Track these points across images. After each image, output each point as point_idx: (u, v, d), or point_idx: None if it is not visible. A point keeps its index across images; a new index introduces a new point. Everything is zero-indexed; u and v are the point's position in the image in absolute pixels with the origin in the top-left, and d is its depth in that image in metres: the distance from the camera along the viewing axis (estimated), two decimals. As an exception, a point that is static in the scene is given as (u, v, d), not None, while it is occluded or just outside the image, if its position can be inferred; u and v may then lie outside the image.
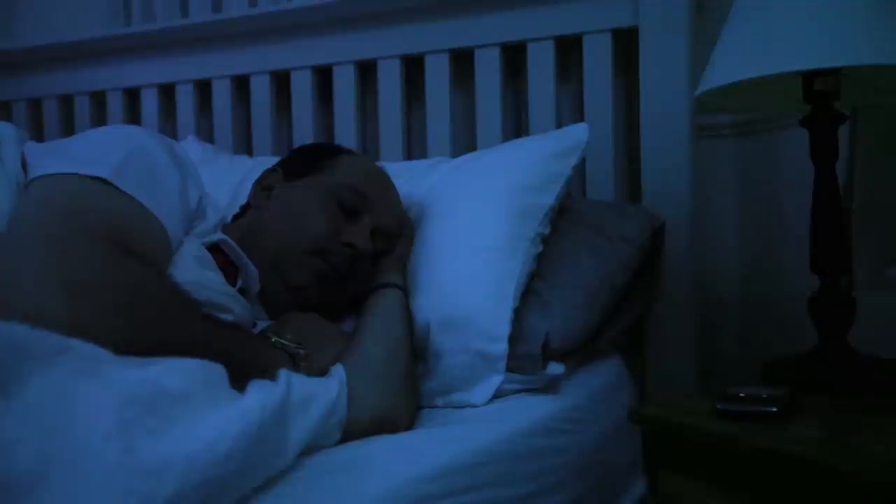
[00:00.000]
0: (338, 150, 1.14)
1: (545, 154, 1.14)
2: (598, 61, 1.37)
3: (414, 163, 1.39)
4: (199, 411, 0.60)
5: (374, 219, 1.04)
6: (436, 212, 1.11)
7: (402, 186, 1.15)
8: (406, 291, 1.01)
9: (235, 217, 1.11)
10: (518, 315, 1.00)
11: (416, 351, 0.98)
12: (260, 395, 0.65)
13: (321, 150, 1.15)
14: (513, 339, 0.98)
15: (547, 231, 1.10)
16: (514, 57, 1.47)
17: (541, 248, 1.08)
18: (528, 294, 1.04)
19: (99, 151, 0.84)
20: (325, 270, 1.00)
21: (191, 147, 1.59)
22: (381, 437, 0.81)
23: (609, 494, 1.05)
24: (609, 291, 1.12)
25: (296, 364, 0.82)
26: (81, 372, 0.57)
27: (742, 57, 0.92)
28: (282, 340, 0.85)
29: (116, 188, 0.79)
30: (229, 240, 0.98)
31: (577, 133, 1.18)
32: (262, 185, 1.10)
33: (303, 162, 1.11)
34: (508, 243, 1.04)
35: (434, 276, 1.03)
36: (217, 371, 0.67)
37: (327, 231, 1.01)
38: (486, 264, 1.02)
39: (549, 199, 1.10)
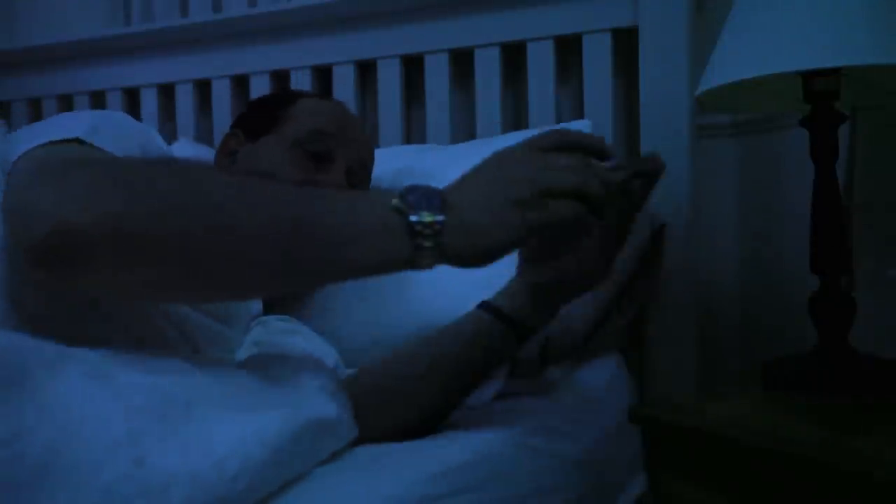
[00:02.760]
0: (292, 96, 1.10)
1: None
2: (597, 61, 1.37)
3: (407, 147, 1.39)
4: (212, 424, 0.58)
5: (347, 156, 1.02)
6: None
7: (398, 168, 1.15)
8: (525, 335, 0.85)
9: None
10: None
11: None
12: (284, 414, 0.63)
13: (275, 100, 1.11)
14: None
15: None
16: (514, 57, 1.47)
17: None
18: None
19: (66, 121, 0.81)
20: None
21: (184, 149, 1.58)
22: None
23: (608, 494, 1.05)
24: (608, 292, 1.12)
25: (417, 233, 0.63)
26: (90, 375, 0.56)
27: (742, 57, 0.92)
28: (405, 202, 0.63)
29: (92, 145, 0.74)
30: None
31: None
32: (226, 152, 1.06)
33: (259, 117, 1.07)
34: None
35: (438, 271, 1.03)
36: (236, 379, 0.66)
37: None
38: (499, 270, 1.02)
39: None
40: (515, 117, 1.50)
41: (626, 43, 1.36)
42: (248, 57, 1.65)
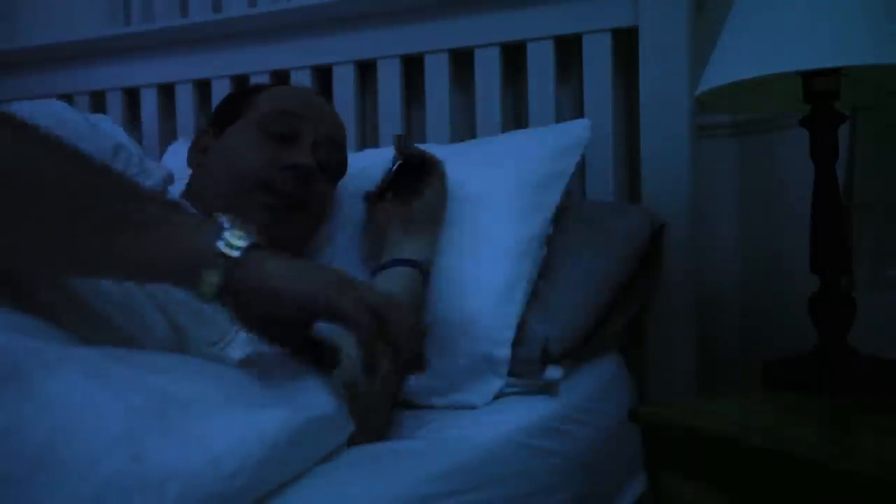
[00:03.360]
0: (256, 88, 1.13)
1: (548, 151, 1.14)
2: (597, 61, 1.37)
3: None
4: (211, 422, 0.58)
5: (312, 132, 1.03)
6: None
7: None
8: (427, 267, 0.96)
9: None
10: (519, 317, 1.00)
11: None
12: (284, 412, 0.62)
13: (240, 93, 1.13)
14: (513, 343, 0.98)
15: (551, 231, 1.10)
16: (514, 57, 1.47)
17: (545, 249, 1.08)
18: (530, 294, 1.04)
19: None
20: (275, 203, 0.98)
21: (180, 149, 1.59)
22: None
23: (608, 494, 1.05)
24: (609, 291, 1.12)
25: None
26: (89, 374, 0.56)
27: (742, 57, 0.92)
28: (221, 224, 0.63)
29: None
30: (180, 200, 0.94)
31: (579, 129, 1.17)
32: (198, 149, 1.09)
33: (226, 111, 1.10)
34: (519, 244, 1.04)
35: (438, 267, 1.02)
36: (234, 376, 0.66)
37: (264, 161, 0.99)
38: (498, 265, 1.02)
39: (554, 198, 1.10)
40: (515, 117, 1.50)
41: (626, 43, 1.36)
42: (248, 57, 1.65)
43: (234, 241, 0.62)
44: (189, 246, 0.62)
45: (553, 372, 0.98)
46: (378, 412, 0.78)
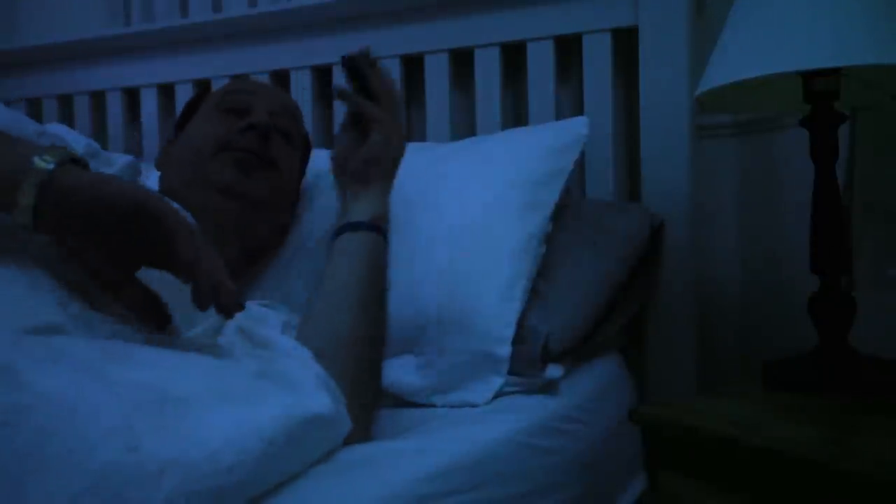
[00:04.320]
0: (204, 92, 1.23)
1: (546, 149, 1.14)
2: (597, 61, 1.37)
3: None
4: (209, 417, 0.58)
5: (265, 104, 1.09)
6: (437, 196, 1.11)
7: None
8: (385, 228, 0.98)
9: None
10: (519, 315, 1.00)
11: (415, 343, 0.98)
12: (283, 410, 0.62)
13: (193, 98, 1.23)
14: (514, 341, 0.98)
15: (550, 229, 1.10)
16: (514, 57, 1.47)
17: (545, 247, 1.08)
18: (530, 292, 1.04)
19: None
20: (241, 157, 1.03)
21: None
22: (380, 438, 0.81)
23: (608, 494, 1.05)
24: (608, 290, 1.12)
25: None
26: (83, 371, 0.56)
27: (742, 57, 0.92)
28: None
29: None
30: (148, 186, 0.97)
31: (577, 127, 1.18)
32: (164, 154, 1.16)
33: (183, 115, 1.19)
34: (519, 242, 1.04)
35: (438, 265, 1.03)
36: (232, 372, 0.66)
37: (223, 131, 1.05)
38: (497, 263, 1.02)
39: (553, 196, 1.10)
40: (515, 117, 1.50)
41: (626, 43, 1.36)
42: (248, 57, 1.65)
43: (49, 157, 0.62)
44: (6, 161, 0.62)
45: (553, 371, 0.98)
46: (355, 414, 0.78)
